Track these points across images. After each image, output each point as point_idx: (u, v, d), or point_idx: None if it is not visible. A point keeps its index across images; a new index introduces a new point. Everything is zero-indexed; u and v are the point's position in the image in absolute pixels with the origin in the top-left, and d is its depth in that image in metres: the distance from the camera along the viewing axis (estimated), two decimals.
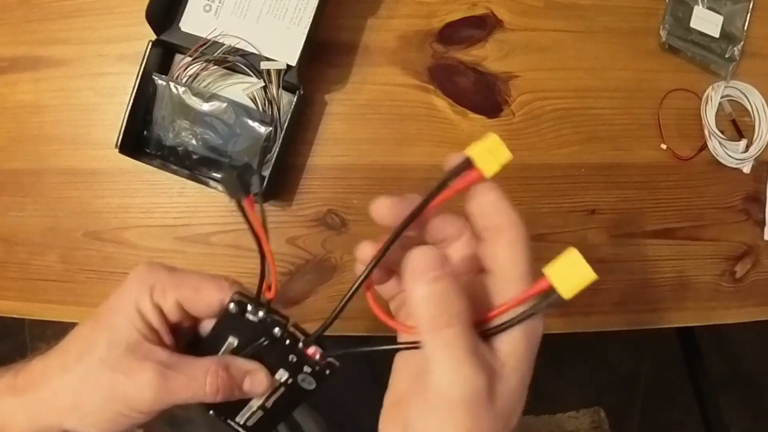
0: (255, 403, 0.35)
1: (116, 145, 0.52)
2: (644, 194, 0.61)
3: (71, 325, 0.34)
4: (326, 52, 0.58)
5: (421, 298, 0.26)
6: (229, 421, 0.36)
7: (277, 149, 0.53)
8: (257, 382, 0.33)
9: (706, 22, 0.60)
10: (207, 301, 0.33)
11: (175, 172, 0.55)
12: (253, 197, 0.28)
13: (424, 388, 0.27)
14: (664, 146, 0.61)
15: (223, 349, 0.34)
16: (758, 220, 0.62)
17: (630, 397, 1.29)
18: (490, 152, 0.25)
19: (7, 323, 0.59)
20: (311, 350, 0.32)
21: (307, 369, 0.33)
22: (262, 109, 0.54)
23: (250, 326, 0.32)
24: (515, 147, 0.59)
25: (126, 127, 0.52)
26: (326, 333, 0.33)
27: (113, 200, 0.57)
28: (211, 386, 0.32)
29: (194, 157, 0.55)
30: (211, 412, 0.36)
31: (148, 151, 0.56)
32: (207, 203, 0.57)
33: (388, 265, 0.31)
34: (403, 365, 0.31)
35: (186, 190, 0.57)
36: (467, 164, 0.27)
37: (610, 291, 0.60)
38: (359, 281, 0.28)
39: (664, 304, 0.61)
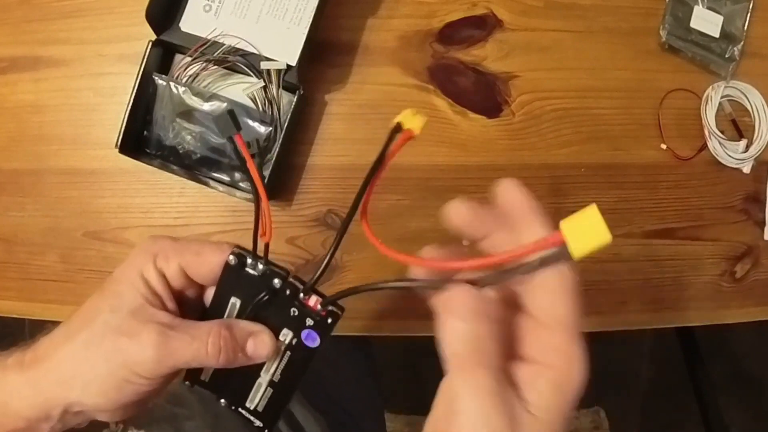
0: (263, 380, 0.35)
1: (116, 145, 0.52)
2: (644, 194, 0.61)
3: None
4: (326, 52, 0.58)
5: (456, 335, 0.26)
6: (240, 409, 0.36)
7: (277, 149, 0.53)
8: (261, 343, 0.33)
9: (706, 22, 0.60)
10: (209, 264, 0.33)
11: (175, 172, 0.55)
12: (241, 136, 0.30)
13: (453, 424, 0.26)
14: (664, 146, 0.61)
15: (226, 314, 0.34)
16: (758, 220, 0.62)
17: (630, 397, 1.29)
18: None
19: (7, 323, 0.59)
20: (312, 301, 0.32)
21: (309, 322, 0.32)
22: (262, 109, 0.54)
23: (251, 281, 0.32)
24: (515, 147, 0.59)
25: (126, 127, 0.52)
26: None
27: (113, 200, 0.57)
28: (213, 346, 0.31)
29: (194, 157, 0.55)
30: (222, 401, 0.36)
31: (148, 151, 0.56)
32: (207, 203, 0.57)
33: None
34: (445, 389, 0.29)
35: (186, 190, 0.57)
36: (398, 129, 0.28)
37: (610, 291, 0.60)
38: (352, 210, 0.28)
39: (664, 304, 0.61)
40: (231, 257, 0.32)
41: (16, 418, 0.32)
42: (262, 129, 0.54)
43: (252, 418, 0.36)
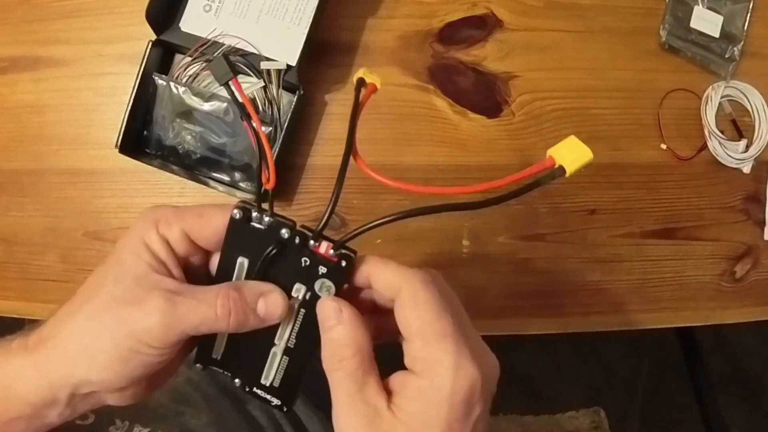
0: (278, 349, 0.33)
1: (116, 145, 0.52)
2: (644, 194, 0.61)
3: None
4: (326, 52, 0.58)
5: (322, 342, 0.30)
6: (255, 389, 0.34)
7: (277, 149, 0.53)
8: (272, 302, 0.31)
9: (706, 22, 0.60)
10: (212, 225, 0.32)
11: (175, 172, 0.55)
12: (237, 80, 0.31)
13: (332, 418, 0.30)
14: (664, 146, 0.61)
15: (234, 275, 0.32)
16: (758, 220, 0.62)
17: (630, 397, 1.28)
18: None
19: (7, 323, 0.59)
20: (323, 248, 0.31)
21: (322, 269, 0.31)
22: (262, 109, 0.54)
23: (257, 236, 0.31)
24: (515, 147, 0.59)
25: (126, 127, 0.52)
26: None
27: (113, 200, 0.57)
28: (223, 308, 0.30)
29: (194, 157, 0.55)
30: (236, 381, 0.34)
31: (148, 151, 0.56)
32: (207, 203, 0.57)
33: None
34: None
35: (186, 190, 0.57)
36: (360, 84, 0.32)
37: (609, 291, 0.60)
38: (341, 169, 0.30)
39: (664, 304, 0.61)
40: (235, 211, 0.31)
41: (21, 404, 0.30)
42: (262, 129, 0.54)
43: (269, 397, 0.34)
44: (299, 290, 0.32)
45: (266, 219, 0.31)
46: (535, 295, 0.60)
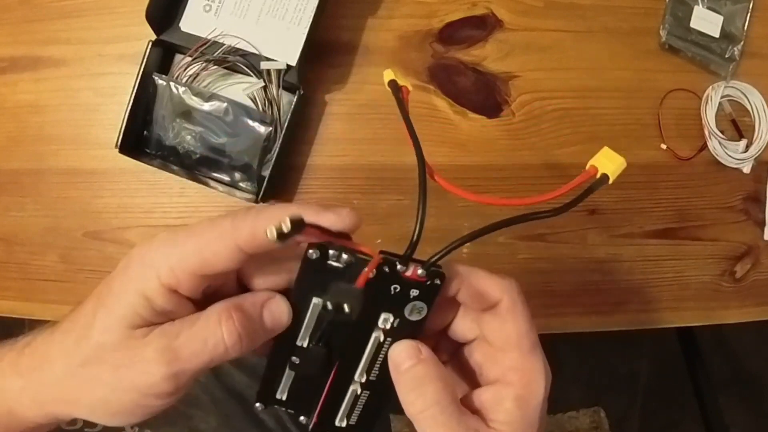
0: (358, 387, 0.31)
1: (116, 145, 0.52)
2: (644, 194, 0.61)
3: None
4: (326, 52, 0.58)
5: (400, 389, 0.29)
6: None
7: (277, 149, 0.53)
8: (276, 309, 0.29)
9: (706, 22, 0.60)
10: (219, 256, 0.27)
11: (175, 172, 0.55)
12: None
13: None
14: (664, 146, 0.61)
15: (308, 316, 0.29)
16: (758, 220, 0.62)
17: (630, 397, 1.28)
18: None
19: (7, 323, 0.59)
20: (410, 271, 0.29)
21: (414, 293, 0.29)
22: (262, 109, 0.54)
23: (336, 275, 0.28)
24: (515, 147, 0.59)
25: (126, 127, 0.52)
26: None
27: (113, 200, 0.57)
28: (230, 335, 0.27)
29: (194, 157, 0.55)
30: (302, 418, 0.31)
31: (148, 151, 0.56)
32: (207, 203, 0.57)
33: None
34: None
35: (186, 190, 0.57)
36: (395, 86, 0.34)
37: (609, 291, 0.60)
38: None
39: (664, 304, 0.61)
40: (311, 252, 0.28)
41: (25, 423, 0.30)
42: (262, 129, 0.54)
43: None
44: (387, 320, 0.30)
45: (345, 257, 0.28)
46: (535, 295, 0.60)
